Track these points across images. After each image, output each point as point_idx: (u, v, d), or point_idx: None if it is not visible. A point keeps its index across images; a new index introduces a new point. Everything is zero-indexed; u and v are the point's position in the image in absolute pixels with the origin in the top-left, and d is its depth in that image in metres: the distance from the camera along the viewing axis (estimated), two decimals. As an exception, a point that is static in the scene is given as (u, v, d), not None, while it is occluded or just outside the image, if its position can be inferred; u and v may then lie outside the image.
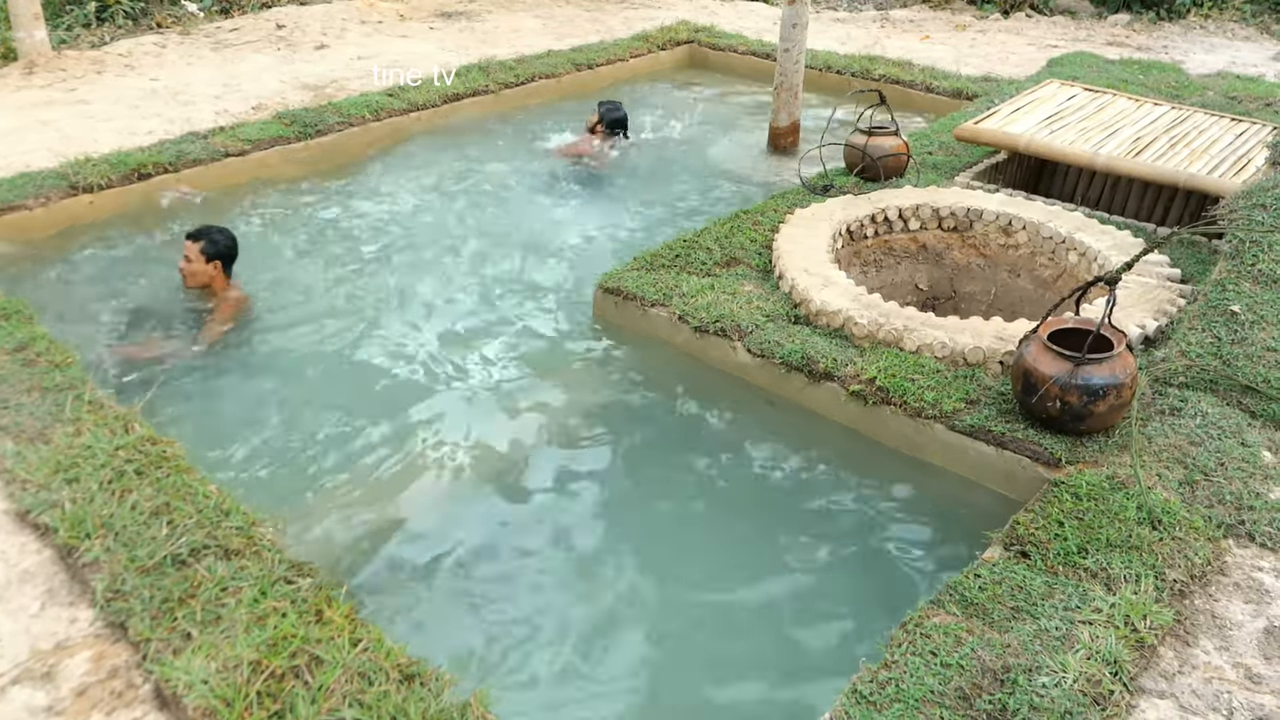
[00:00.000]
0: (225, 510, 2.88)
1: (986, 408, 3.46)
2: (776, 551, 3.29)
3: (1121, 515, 2.85)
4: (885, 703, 2.28)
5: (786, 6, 6.15)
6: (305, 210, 5.72)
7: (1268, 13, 10.02)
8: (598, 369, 4.26)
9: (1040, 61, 8.17)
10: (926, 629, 2.49)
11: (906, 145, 5.43)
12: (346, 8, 9.55)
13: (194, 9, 9.39)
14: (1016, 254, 4.74)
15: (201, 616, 2.49)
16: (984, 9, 10.50)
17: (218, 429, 3.83)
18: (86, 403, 3.37)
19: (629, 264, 4.56)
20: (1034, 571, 2.69)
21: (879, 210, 4.81)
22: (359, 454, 3.73)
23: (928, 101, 7.44)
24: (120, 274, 4.93)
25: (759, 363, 3.87)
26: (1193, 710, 2.30)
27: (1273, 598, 2.64)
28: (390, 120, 6.69)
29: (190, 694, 2.27)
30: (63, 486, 2.94)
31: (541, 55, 8.14)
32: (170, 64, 7.79)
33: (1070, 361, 3.17)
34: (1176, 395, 3.42)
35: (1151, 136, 5.39)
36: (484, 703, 2.32)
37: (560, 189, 6.18)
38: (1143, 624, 2.47)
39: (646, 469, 3.70)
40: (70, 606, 2.61)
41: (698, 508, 3.52)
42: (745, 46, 8.65)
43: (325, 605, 2.56)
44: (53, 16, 8.63)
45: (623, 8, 10.29)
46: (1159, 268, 4.28)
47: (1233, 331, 3.63)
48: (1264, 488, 3.00)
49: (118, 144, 5.94)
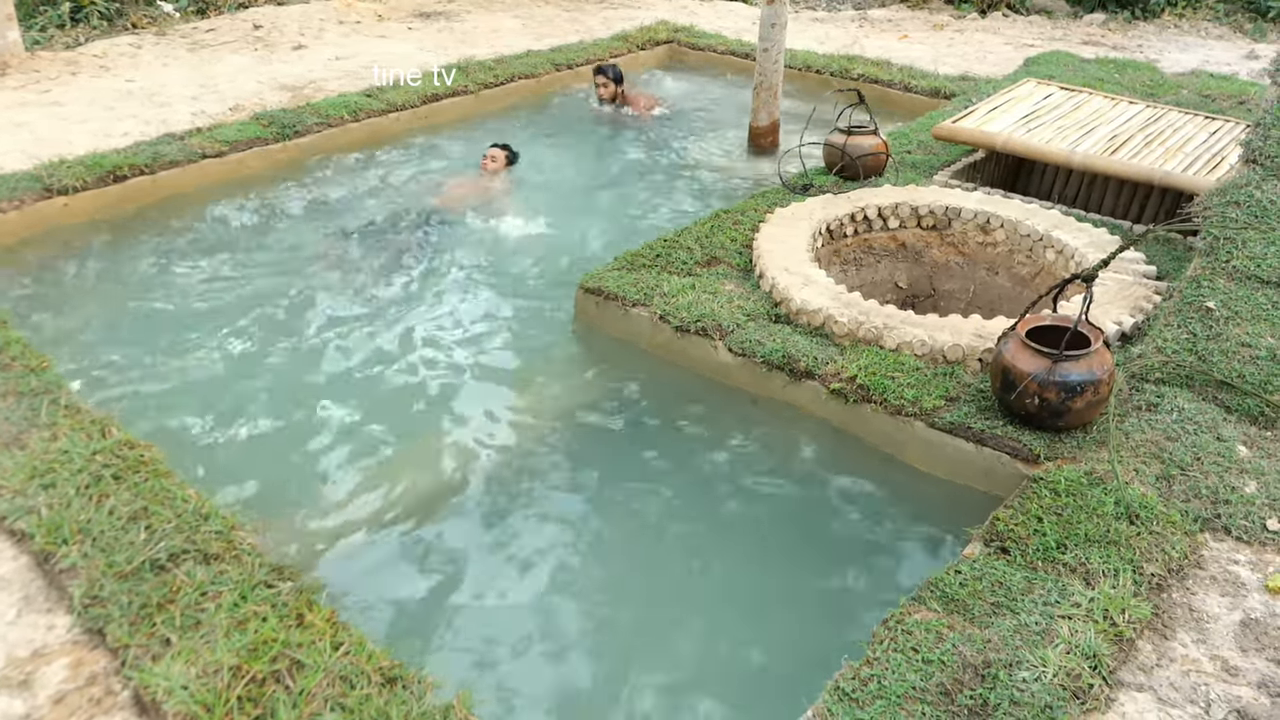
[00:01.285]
0: (204, 514, 2.86)
1: (966, 405, 3.49)
2: (760, 549, 3.30)
3: (1099, 510, 2.87)
4: (868, 699, 2.29)
5: (765, 6, 6.17)
6: (280, 210, 5.69)
7: (1240, 12, 10.13)
8: (578, 369, 4.26)
9: (1017, 61, 8.23)
10: (908, 625, 2.50)
11: (885, 144, 5.46)
12: (324, 8, 9.50)
13: (170, 9, 9.31)
14: (995, 252, 4.77)
15: (181, 622, 2.47)
16: (961, 8, 10.56)
17: (191, 432, 3.81)
18: (63, 407, 3.34)
19: (610, 264, 4.56)
20: (1014, 567, 2.71)
21: (858, 209, 4.83)
22: (338, 456, 3.71)
23: (906, 100, 7.47)
24: (96, 277, 4.89)
25: (740, 362, 3.88)
26: (1171, 703, 2.32)
27: (1249, 591, 2.67)
28: (369, 121, 6.66)
29: (170, 700, 2.25)
30: (39, 492, 2.91)
31: (521, 55, 8.12)
32: (146, 65, 7.72)
33: (1048, 358, 3.19)
34: (1153, 391, 3.46)
35: (1127, 135, 5.44)
36: (467, 705, 2.32)
37: (540, 189, 6.16)
38: (1121, 618, 2.49)
39: (627, 469, 3.70)
40: (47, 613, 2.59)
41: (678, 506, 3.52)
42: (724, 46, 8.66)
43: (306, 609, 2.54)
44: (26, 17, 8.53)
45: (602, 8, 10.28)
46: (1135, 265, 4.32)
47: (1208, 328, 3.67)
48: (1239, 482, 3.03)
49: (93, 146, 5.88)
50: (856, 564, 3.24)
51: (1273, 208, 4.06)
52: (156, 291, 4.80)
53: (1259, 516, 2.90)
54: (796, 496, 3.53)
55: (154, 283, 4.87)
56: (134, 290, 4.79)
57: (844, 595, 3.13)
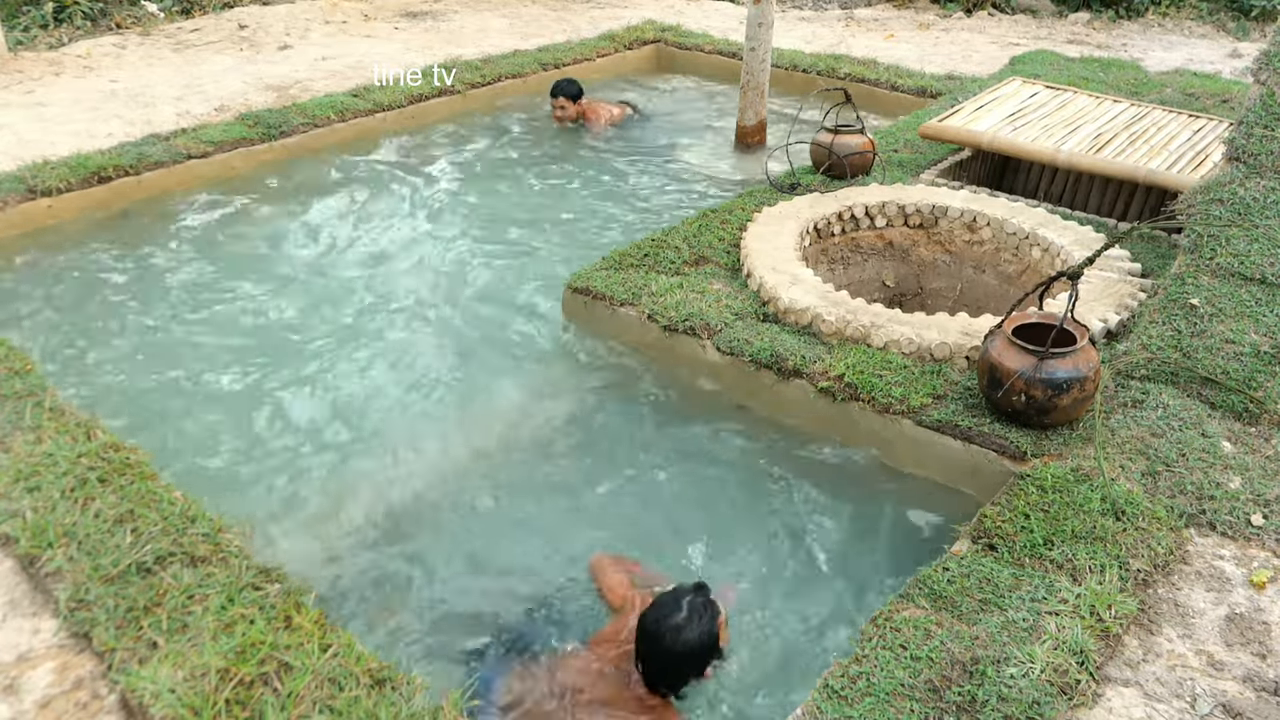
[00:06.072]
0: (191, 517, 2.84)
1: (953, 403, 3.50)
2: (749, 547, 3.30)
3: (1086, 507, 2.89)
4: (856, 696, 2.29)
5: (752, 6, 6.17)
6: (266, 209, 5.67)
7: (1223, 11, 10.19)
8: (566, 369, 4.26)
9: (1002, 60, 8.26)
10: (896, 623, 2.51)
11: (872, 143, 5.47)
12: (310, 8, 9.46)
13: (154, 9, 9.25)
14: (981, 250, 4.79)
15: (168, 625, 2.46)
16: (947, 8, 10.59)
17: (177, 434, 3.79)
18: (47, 410, 3.32)
19: (597, 263, 4.55)
20: (1001, 564, 2.72)
21: (845, 208, 4.84)
22: (325, 457, 3.70)
23: (892, 99, 7.49)
24: (80, 278, 4.86)
25: (728, 360, 3.89)
26: (1157, 697, 2.34)
27: (1234, 586, 2.69)
28: (356, 121, 6.64)
29: (157, 704, 2.24)
30: (24, 495, 2.89)
31: (508, 55, 8.11)
32: (130, 65, 7.68)
33: (1034, 356, 3.21)
34: (1138, 388, 3.48)
35: (1112, 133, 5.46)
36: (457, 706, 2.31)
37: (526, 188, 6.16)
38: (1108, 614, 2.51)
39: (616, 468, 3.70)
40: (33, 617, 2.57)
41: (668, 505, 3.52)
42: (711, 45, 8.67)
43: (294, 611, 2.53)
44: (9, 17, 8.47)
45: (589, 7, 10.27)
46: (1120, 262, 4.34)
47: (1192, 324, 3.69)
48: (1224, 478, 3.05)
49: (77, 146, 5.84)
50: (842, 562, 3.25)
51: (1256, 205, 4.08)
52: (141, 293, 4.77)
53: (1243, 512, 2.92)
54: (781, 494, 3.53)
55: (138, 284, 4.85)
56: (118, 292, 4.76)
57: (830, 592, 3.13)
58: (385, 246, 5.35)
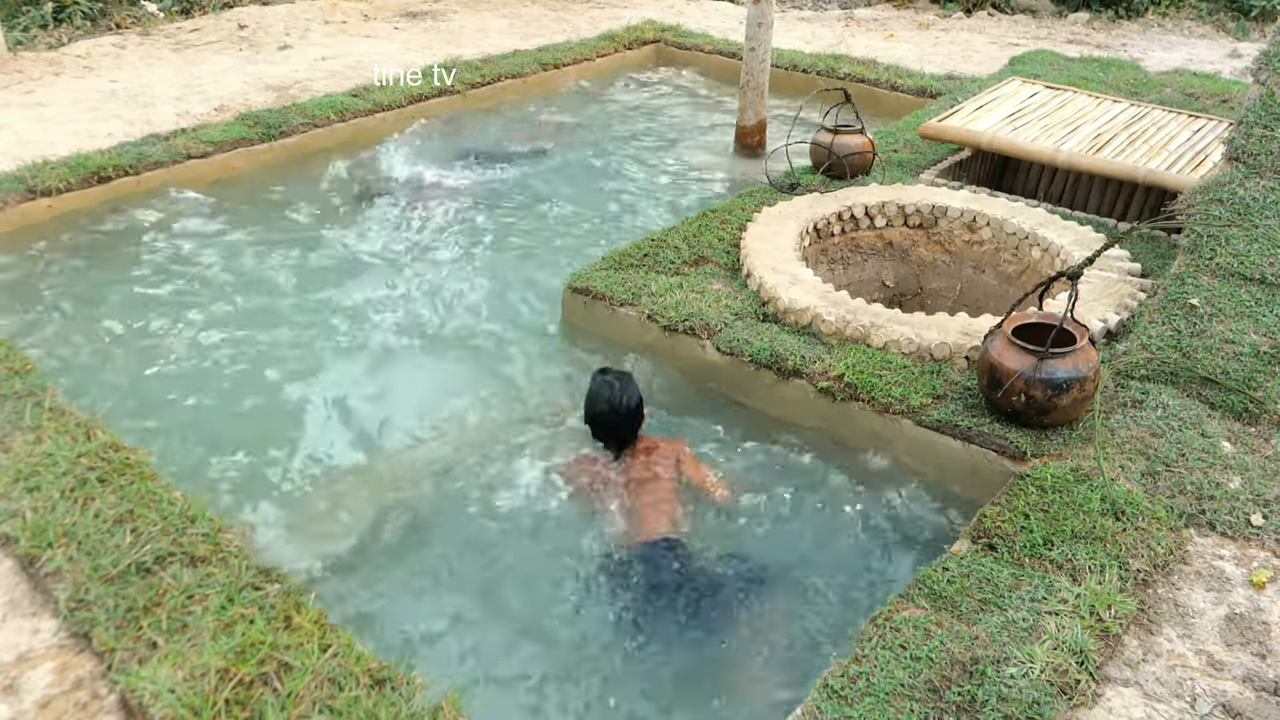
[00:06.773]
0: (190, 517, 2.84)
1: (953, 403, 3.50)
2: (749, 547, 3.30)
3: (1086, 507, 2.89)
4: (856, 696, 2.29)
5: (752, 6, 6.17)
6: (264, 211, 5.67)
7: (1223, 11, 10.19)
8: (566, 369, 4.25)
9: (1002, 60, 8.26)
10: (896, 623, 2.51)
11: (872, 143, 5.47)
12: (310, 7, 9.46)
13: (154, 9, 9.25)
14: (981, 250, 4.79)
15: (167, 625, 2.46)
16: (947, 8, 10.60)
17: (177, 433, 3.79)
18: (47, 410, 3.32)
19: (597, 263, 4.55)
20: (1001, 564, 2.72)
21: (845, 208, 4.84)
22: (325, 459, 3.70)
23: (892, 100, 7.49)
24: (80, 278, 4.86)
25: (728, 361, 3.89)
26: (1157, 697, 2.34)
27: (1233, 586, 2.69)
28: (356, 121, 6.64)
29: (157, 704, 2.24)
30: (23, 495, 2.89)
31: (508, 55, 8.11)
32: (130, 65, 7.68)
33: (1034, 356, 3.21)
34: (1138, 388, 3.48)
35: (1111, 133, 5.47)
36: (456, 706, 2.31)
37: (524, 188, 6.16)
38: (1107, 614, 2.51)
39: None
40: (33, 617, 2.57)
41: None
42: (711, 46, 8.67)
43: (294, 611, 2.53)
44: (8, 17, 8.47)
45: (589, 7, 10.27)
46: (1120, 262, 4.34)
47: (1192, 324, 3.69)
48: (1224, 478, 3.05)
49: (76, 146, 5.84)
50: (842, 562, 3.24)
51: (1255, 205, 4.09)
52: (141, 293, 4.77)
53: (1243, 512, 2.92)
54: (781, 494, 3.53)
55: (138, 285, 4.84)
56: (118, 292, 4.76)
57: (831, 592, 3.13)
58: (385, 246, 5.35)
